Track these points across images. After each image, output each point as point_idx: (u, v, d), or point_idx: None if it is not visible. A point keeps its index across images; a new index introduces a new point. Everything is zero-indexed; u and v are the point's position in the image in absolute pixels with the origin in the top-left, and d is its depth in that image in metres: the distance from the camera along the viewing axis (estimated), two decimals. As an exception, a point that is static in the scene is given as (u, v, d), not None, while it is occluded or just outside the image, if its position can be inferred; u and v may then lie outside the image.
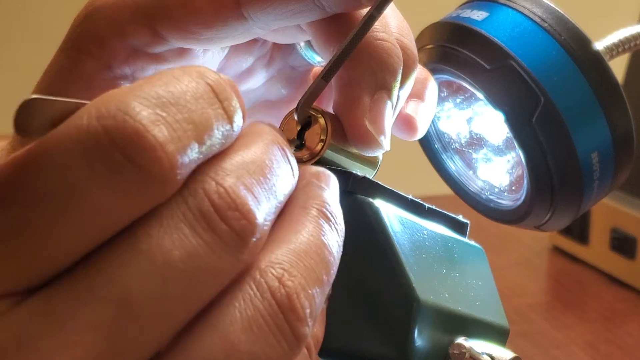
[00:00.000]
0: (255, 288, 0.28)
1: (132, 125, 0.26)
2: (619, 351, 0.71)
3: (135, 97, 0.26)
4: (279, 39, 0.42)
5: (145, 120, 0.26)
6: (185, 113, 0.27)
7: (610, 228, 0.82)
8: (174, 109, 0.27)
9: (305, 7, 0.37)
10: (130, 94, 0.27)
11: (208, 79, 0.29)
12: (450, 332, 0.37)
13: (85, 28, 0.39)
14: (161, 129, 0.26)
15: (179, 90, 0.28)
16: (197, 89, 0.28)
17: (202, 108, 0.28)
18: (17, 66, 1.36)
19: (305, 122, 0.38)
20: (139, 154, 0.26)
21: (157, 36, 0.39)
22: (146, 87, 0.27)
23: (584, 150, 0.42)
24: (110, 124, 0.26)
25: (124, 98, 0.26)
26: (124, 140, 0.26)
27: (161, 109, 0.27)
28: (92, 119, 0.26)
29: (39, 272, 0.26)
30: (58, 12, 1.06)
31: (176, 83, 0.28)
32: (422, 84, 0.42)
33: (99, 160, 0.26)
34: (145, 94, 0.27)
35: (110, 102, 0.26)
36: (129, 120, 0.26)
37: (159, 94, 0.27)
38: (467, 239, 0.41)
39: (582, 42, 0.43)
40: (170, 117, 0.27)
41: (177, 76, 0.28)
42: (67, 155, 0.26)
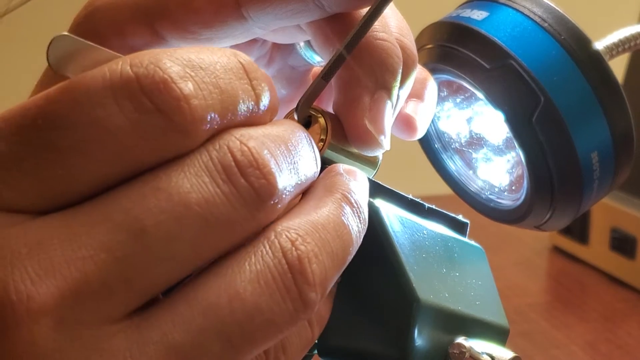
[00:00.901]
0: (268, 246, 0.29)
1: (160, 75, 0.28)
2: (619, 351, 0.71)
3: (168, 56, 0.29)
4: (278, 39, 0.42)
5: (174, 75, 0.28)
6: (213, 78, 0.29)
7: (610, 228, 0.82)
8: (203, 72, 0.29)
9: (305, 7, 0.37)
10: (165, 53, 0.29)
11: (241, 57, 0.31)
12: (450, 332, 0.37)
13: (85, 28, 0.39)
14: (187, 84, 0.28)
15: (211, 60, 0.30)
16: (229, 62, 0.30)
17: (230, 79, 0.30)
18: (17, 66, 1.36)
19: (305, 122, 0.38)
20: (163, 101, 0.28)
21: (157, 36, 0.39)
22: (180, 51, 0.29)
23: (584, 150, 0.42)
24: (142, 72, 0.28)
25: (158, 55, 0.29)
26: (152, 87, 0.28)
27: (191, 69, 0.29)
28: (126, 65, 0.28)
29: (61, 193, 0.28)
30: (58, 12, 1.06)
31: (210, 54, 0.30)
32: (421, 84, 0.42)
33: (127, 100, 0.28)
34: (179, 55, 0.29)
35: (145, 55, 0.29)
36: (158, 71, 0.28)
37: (191, 58, 0.29)
38: (467, 238, 0.41)
39: (582, 42, 0.43)
40: (198, 78, 0.29)
41: (211, 49, 0.30)
42: (99, 92, 0.28)
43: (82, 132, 0.28)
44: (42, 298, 0.27)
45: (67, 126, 0.28)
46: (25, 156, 0.28)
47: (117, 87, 0.28)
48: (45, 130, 0.28)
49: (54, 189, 0.28)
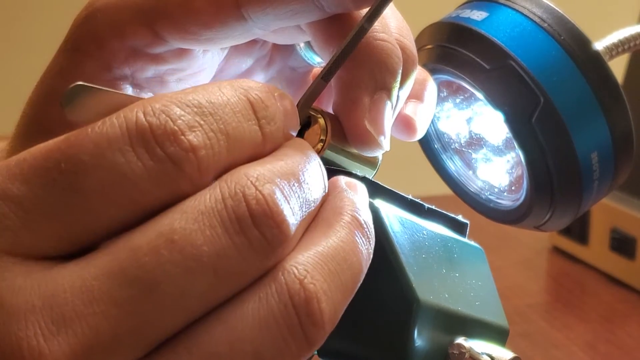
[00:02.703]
0: (275, 288, 0.29)
1: (171, 126, 0.29)
2: (619, 351, 0.71)
3: (179, 102, 0.30)
4: (278, 40, 0.42)
5: (183, 126, 0.29)
6: (221, 124, 0.30)
7: (610, 228, 0.82)
8: (212, 118, 0.30)
9: (305, 8, 0.37)
10: (176, 98, 0.30)
11: (250, 95, 0.31)
12: (450, 332, 0.37)
13: (85, 29, 0.39)
14: (197, 134, 0.29)
15: (220, 102, 0.31)
16: (237, 103, 0.31)
17: (238, 122, 0.31)
18: (17, 67, 1.36)
19: (305, 123, 0.38)
20: (174, 152, 0.29)
21: (157, 37, 0.39)
22: (191, 95, 0.30)
23: (584, 150, 0.42)
24: (154, 122, 0.29)
25: (169, 101, 0.30)
26: (163, 137, 0.29)
27: (200, 117, 0.30)
28: (140, 114, 0.29)
29: (79, 237, 0.29)
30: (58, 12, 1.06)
31: (219, 95, 0.31)
32: (421, 84, 0.42)
33: (143, 148, 0.29)
34: (188, 101, 0.30)
35: (157, 103, 0.30)
36: (169, 122, 0.29)
37: (201, 103, 0.30)
38: (467, 239, 0.41)
39: (581, 42, 0.43)
40: (207, 126, 0.30)
41: (221, 88, 0.31)
42: (119, 139, 0.29)
43: (103, 175, 0.29)
44: (54, 355, 0.27)
45: (89, 170, 0.29)
46: (48, 199, 0.29)
47: (134, 135, 0.29)
48: (68, 173, 0.29)
49: (73, 233, 0.29)
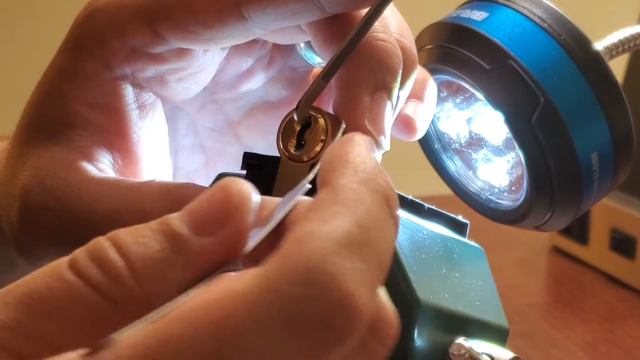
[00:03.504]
0: None
1: (339, 297, 0.24)
2: (619, 351, 0.71)
3: (335, 253, 0.24)
4: (279, 40, 0.42)
5: (353, 287, 0.24)
6: (376, 255, 0.25)
7: (610, 228, 0.82)
8: (368, 251, 0.25)
9: (305, 8, 0.37)
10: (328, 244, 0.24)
11: (388, 193, 0.27)
12: (450, 332, 0.37)
13: (86, 28, 0.39)
14: (364, 291, 0.24)
15: (370, 225, 0.25)
16: (381, 213, 0.26)
17: (385, 242, 0.26)
18: (17, 66, 1.36)
19: (305, 122, 0.38)
20: (348, 328, 0.24)
21: (157, 36, 0.39)
22: (340, 227, 0.25)
23: (584, 150, 0.42)
24: (318, 294, 0.23)
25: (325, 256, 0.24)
26: (334, 313, 0.24)
27: (360, 259, 0.24)
28: (295, 286, 0.23)
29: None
30: (58, 12, 1.06)
31: (366, 211, 0.25)
32: (421, 84, 0.42)
33: (308, 337, 0.24)
34: (342, 240, 0.24)
35: (310, 263, 0.24)
36: (336, 291, 0.24)
37: (355, 237, 0.25)
38: (467, 239, 0.41)
39: (581, 42, 0.43)
40: (367, 270, 0.25)
41: (364, 200, 0.26)
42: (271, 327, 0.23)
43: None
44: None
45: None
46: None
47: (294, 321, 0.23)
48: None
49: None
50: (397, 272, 0.35)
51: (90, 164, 0.39)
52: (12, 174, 0.40)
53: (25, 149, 0.40)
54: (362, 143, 0.28)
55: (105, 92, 0.39)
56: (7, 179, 0.40)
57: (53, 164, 0.39)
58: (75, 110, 0.39)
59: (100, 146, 0.39)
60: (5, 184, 0.40)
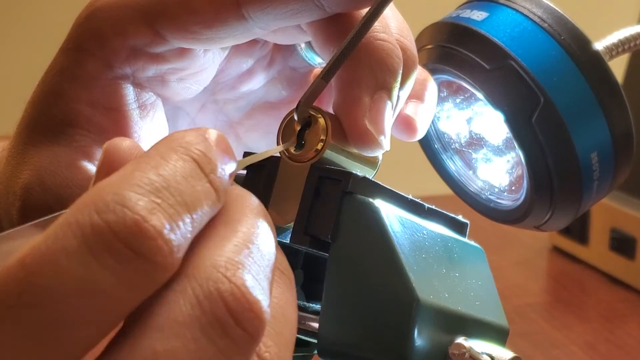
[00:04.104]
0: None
1: (131, 217, 0.26)
2: (619, 351, 0.71)
3: (130, 187, 0.27)
4: (279, 40, 0.42)
5: (143, 211, 0.26)
6: (177, 196, 0.27)
7: (610, 228, 0.82)
8: (167, 192, 0.27)
9: (305, 7, 0.37)
10: (125, 183, 0.27)
11: (193, 153, 0.29)
12: (450, 332, 0.37)
13: (87, 28, 0.39)
14: (158, 217, 0.26)
15: (169, 173, 0.28)
16: (185, 167, 0.28)
17: (191, 187, 0.28)
18: (17, 66, 1.36)
19: (305, 122, 0.38)
20: (141, 245, 0.26)
21: (158, 36, 0.39)
22: (138, 174, 0.27)
23: (584, 150, 0.43)
24: (112, 218, 0.26)
25: (120, 189, 0.26)
26: (126, 233, 0.26)
27: (155, 196, 0.27)
28: (93, 213, 0.26)
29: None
30: (59, 12, 1.06)
31: (165, 164, 0.28)
32: (421, 85, 0.42)
33: (106, 253, 0.26)
34: (139, 181, 0.27)
35: (107, 194, 0.26)
36: (127, 212, 0.26)
37: (152, 180, 0.27)
38: (467, 239, 0.41)
39: (581, 42, 0.43)
40: (165, 203, 0.27)
41: (165, 156, 0.28)
42: (75, 253, 0.25)
43: (70, 299, 0.25)
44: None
45: (53, 296, 0.25)
46: (16, 341, 0.25)
47: (92, 242, 0.25)
48: (33, 307, 0.25)
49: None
50: (397, 272, 0.35)
51: (91, 163, 0.39)
52: (13, 173, 0.40)
53: (26, 148, 0.40)
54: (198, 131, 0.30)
55: (106, 91, 0.39)
56: (8, 178, 0.40)
57: (54, 163, 0.39)
58: (76, 110, 0.39)
59: (100, 145, 0.39)
60: (6, 183, 0.40)
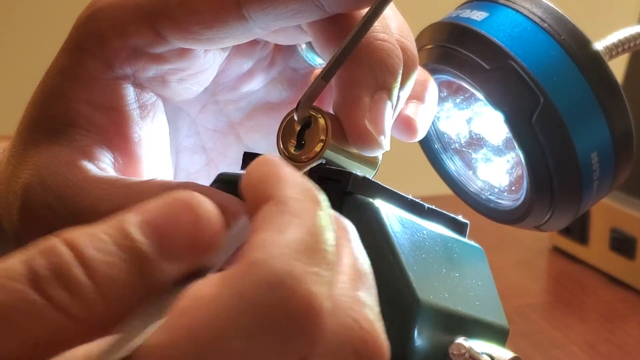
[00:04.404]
0: None
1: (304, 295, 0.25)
2: (619, 351, 0.71)
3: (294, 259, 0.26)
4: (280, 40, 0.42)
5: (313, 287, 0.26)
6: (326, 258, 0.27)
7: (610, 228, 0.82)
8: (319, 256, 0.26)
9: (305, 8, 0.37)
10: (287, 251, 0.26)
11: (320, 201, 0.28)
12: (450, 332, 0.37)
13: (87, 28, 0.39)
14: (323, 290, 0.26)
15: (318, 231, 0.27)
16: (322, 220, 0.28)
17: (331, 246, 0.27)
18: (18, 66, 1.36)
19: (305, 122, 0.38)
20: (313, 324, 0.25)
21: (158, 36, 0.39)
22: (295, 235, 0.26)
23: (584, 150, 0.43)
24: (284, 295, 0.25)
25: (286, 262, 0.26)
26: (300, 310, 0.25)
27: (315, 264, 0.26)
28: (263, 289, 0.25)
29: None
30: (59, 12, 1.06)
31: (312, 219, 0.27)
32: (422, 85, 0.42)
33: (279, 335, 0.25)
34: (299, 247, 0.26)
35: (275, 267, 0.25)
36: (300, 291, 0.25)
37: (309, 244, 0.26)
38: (467, 239, 0.41)
39: (581, 42, 0.43)
40: (321, 272, 0.26)
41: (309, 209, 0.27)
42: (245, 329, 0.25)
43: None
44: None
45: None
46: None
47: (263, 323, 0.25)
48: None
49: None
50: (397, 272, 0.35)
51: (91, 163, 0.39)
52: (14, 173, 0.40)
53: (27, 148, 0.40)
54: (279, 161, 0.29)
55: (107, 92, 0.39)
56: (9, 178, 0.40)
57: (54, 163, 0.39)
58: (76, 110, 0.39)
59: (101, 145, 0.39)
60: (6, 182, 0.40)
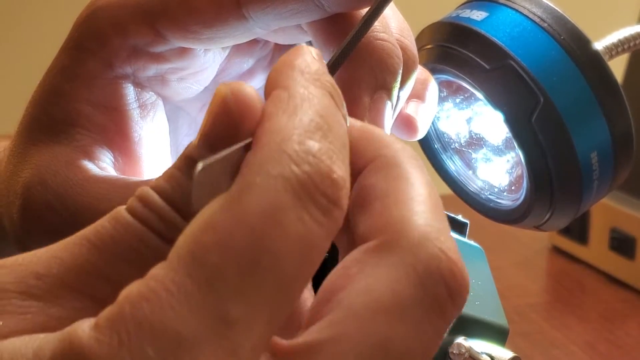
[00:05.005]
0: None
1: (324, 167, 0.26)
2: (618, 351, 0.71)
3: (307, 133, 0.26)
4: (279, 40, 0.42)
5: (327, 159, 0.26)
6: (337, 135, 0.27)
7: (610, 228, 0.82)
8: (332, 135, 0.27)
9: (305, 7, 0.37)
10: (298, 129, 0.26)
11: (326, 84, 0.28)
12: (450, 332, 0.37)
13: (87, 27, 0.39)
14: (339, 165, 0.26)
15: (326, 113, 0.27)
16: (329, 104, 0.28)
17: (339, 123, 0.28)
18: (18, 66, 1.36)
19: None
20: (337, 195, 0.26)
21: (158, 35, 0.39)
22: (303, 117, 0.27)
23: (584, 150, 0.43)
24: (310, 170, 0.26)
25: (300, 137, 0.26)
26: (325, 184, 0.26)
27: (325, 139, 0.26)
28: (293, 165, 0.26)
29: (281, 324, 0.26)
30: (59, 12, 1.06)
31: (317, 102, 0.27)
32: (422, 84, 0.42)
33: (313, 206, 0.25)
34: (308, 126, 0.26)
35: (294, 144, 0.26)
36: (319, 162, 0.26)
37: (319, 123, 0.27)
38: (467, 238, 0.41)
39: (581, 42, 0.43)
40: (334, 146, 0.27)
41: (310, 92, 0.27)
42: (292, 209, 0.25)
43: (296, 258, 0.25)
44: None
45: (284, 254, 0.25)
46: (263, 308, 0.25)
47: (302, 195, 0.25)
48: (271, 268, 0.25)
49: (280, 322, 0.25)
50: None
51: (91, 162, 0.39)
52: (14, 172, 0.40)
53: (27, 147, 0.40)
54: (305, 50, 0.29)
55: (107, 91, 0.40)
56: (9, 177, 0.40)
57: (54, 162, 0.39)
58: (76, 109, 0.39)
59: (101, 145, 0.39)
60: (7, 181, 0.40)
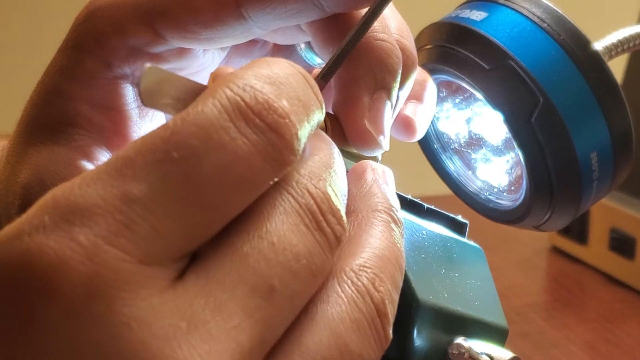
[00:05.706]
0: (356, 291, 0.30)
1: (261, 96, 0.29)
2: (618, 351, 0.71)
3: (255, 77, 0.29)
4: (279, 40, 0.42)
5: (270, 94, 0.29)
6: (293, 91, 0.30)
7: (610, 228, 0.82)
8: (286, 88, 0.30)
9: (305, 7, 0.37)
10: (248, 74, 0.29)
11: (296, 66, 0.31)
12: (450, 332, 0.37)
13: (86, 27, 0.39)
14: (283, 102, 0.29)
15: (284, 73, 0.30)
16: (294, 73, 0.30)
17: (303, 89, 0.30)
18: (17, 66, 1.36)
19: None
20: (274, 120, 0.29)
21: (157, 35, 0.39)
22: (259, 69, 0.30)
23: (583, 150, 0.43)
24: (246, 95, 0.28)
25: (247, 78, 0.29)
26: (260, 108, 0.28)
27: (277, 87, 0.29)
28: (229, 91, 0.28)
29: (200, 234, 0.28)
30: (58, 12, 1.06)
31: (277, 68, 0.30)
32: (421, 85, 0.42)
33: (243, 122, 0.28)
34: (262, 74, 0.29)
35: (237, 79, 0.29)
36: (258, 93, 0.29)
37: (269, 75, 0.30)
38: (467, 239, 0.41)
39: (581, 42, 0.43)
40: (286, 94, 0.29)
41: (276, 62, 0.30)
42: (219, 119, 0.28)
43: (216, 157, 0.28)
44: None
45: (202, 153, 0.27)
46: (169, 195, 0.27)
47: (231, 111, 0.28)
48: (182, 161, 0.27)
49: (196, 229, 0.28)
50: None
51: (90, 162, 0.39)
52: (13, 172, 0.40)
53: (26, 148, 0.40)
54: None
55: (106, 91, 0.39)
56: (8, 177, 0.40)
57: (53, 163, 0.39)
58: (75, 109, 0.39)
59: (100, 145, 0.39)
60: (5, 182, 0.40)
